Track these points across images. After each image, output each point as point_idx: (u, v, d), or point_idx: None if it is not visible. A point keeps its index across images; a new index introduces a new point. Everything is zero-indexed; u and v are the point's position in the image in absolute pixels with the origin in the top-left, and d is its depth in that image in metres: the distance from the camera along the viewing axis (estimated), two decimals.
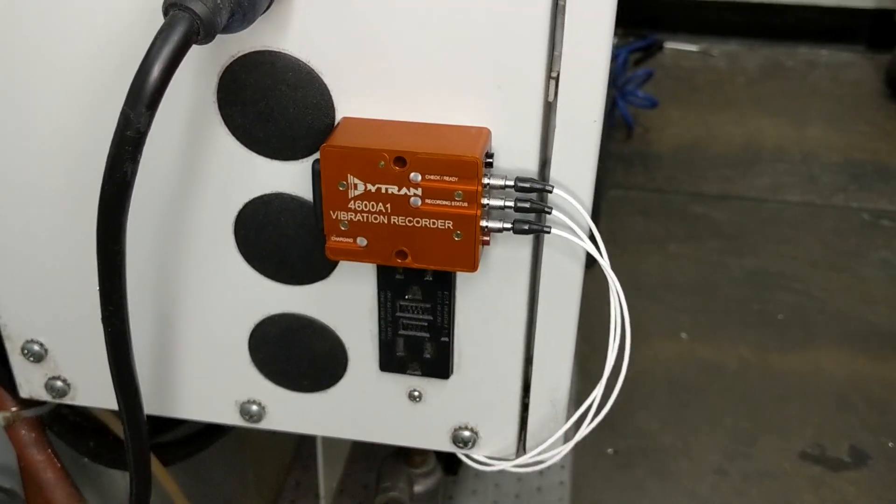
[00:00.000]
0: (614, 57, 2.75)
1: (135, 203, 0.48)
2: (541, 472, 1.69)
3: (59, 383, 0.73)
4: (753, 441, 1.80)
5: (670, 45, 3.45)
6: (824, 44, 3.55)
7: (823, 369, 1.98)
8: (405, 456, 1.15)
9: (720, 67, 3.43)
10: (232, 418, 0.71)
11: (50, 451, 0.83)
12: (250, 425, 0.71)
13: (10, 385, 0.78)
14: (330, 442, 1.02)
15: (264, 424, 0.71)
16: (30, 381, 0.73)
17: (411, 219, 0.55)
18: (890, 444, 1.80)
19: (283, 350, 0.67)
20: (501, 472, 1.67)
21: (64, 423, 0.85)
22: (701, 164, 2.79)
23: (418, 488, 1.14)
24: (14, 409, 0.80)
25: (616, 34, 3.05)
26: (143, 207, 0.61)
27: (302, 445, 1.71)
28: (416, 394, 0.67)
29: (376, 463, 1.58)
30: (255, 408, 0.70)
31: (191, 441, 1.03)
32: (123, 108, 0.45)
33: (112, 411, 0.89)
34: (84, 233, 0.64)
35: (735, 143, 2.91)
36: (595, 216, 0.57)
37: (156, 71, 0.45)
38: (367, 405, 0.69)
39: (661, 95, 2.97)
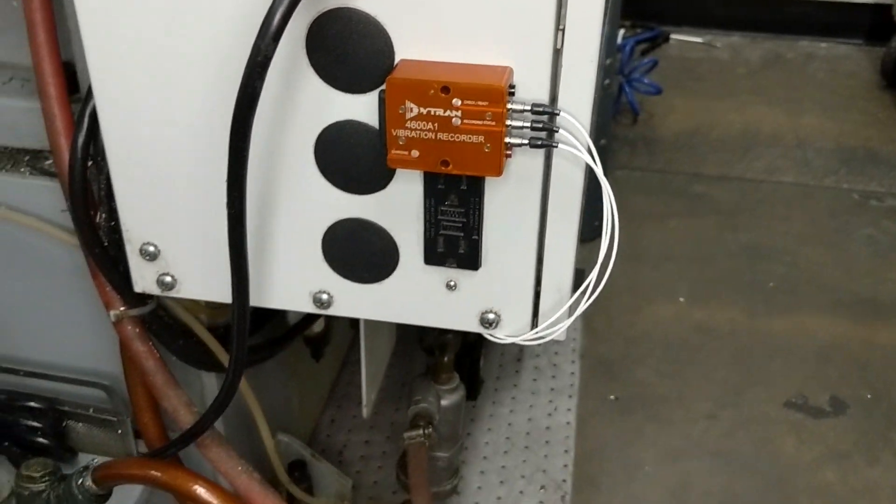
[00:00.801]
0: (621, 47, 2.94)
1: None
2: (549, 414, 1.88)
3: (167, 278, 0.92)
4: (741, 392, 1.98)
5: (676, 36, 3.63)
6: (824, 37, 3.72)
7: (808, 331, 2.16)
8: (433, 375, 1.34)
9: (723, 59, 3.61)
10: (307, 306, 0.90)
11: (150, 343, 1.02)
12: (321, 311, 0.90)
13: (120, 287, 0.98)
14: (371, 358, 1.21)
15: (332, 311, 0.90)
16: (144, 278, 0.92)
17: (452, 135, 0.74)
18: (868, 396, 1.98)
19: (349, 248, 0.86)
20: (513, 411, 1.86)
21: (159, 324, 1.04)
22: (701, 147, 2.98)
23: (444, 402, 1.33)
24: (122, 308, 1.00)
25: (624, 26, 3.22)
26: None
27: (338, 380, 1.91)
28: (452, 283, 0.86)
29: (408, 381, 1.77)
30: (325, 297, 0.89)
31: (257, 350, 1.22)
32: (255, 41, 0.65)
33: (198, 318, 1.09)
34: (202, 153, 0.83)
35: (734, 129, 3.10)
36: (597, 194, 0.76)
37: (279, 13, 0.64)
38: (413, 293, 0.87)
39: (666, 84, 3.15)
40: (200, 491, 0.94)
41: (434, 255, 0.84)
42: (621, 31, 3.06)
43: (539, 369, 2.00)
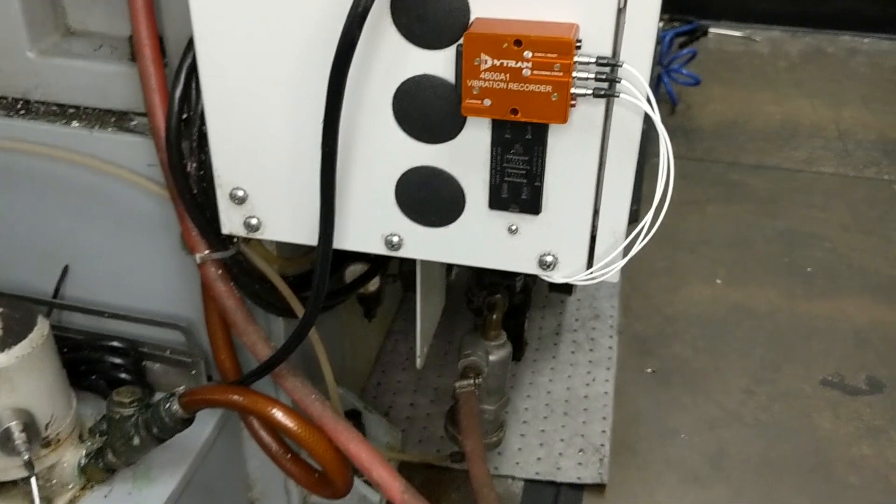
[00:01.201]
0: (660, 39, 3.00)
1: None
2: (587, 384, 1.95)
3: (253, 220, 1.00)
4: (778, 369, 2.04)
5: (715, 30, 3.68)
6: (867, 32, 3.74)
7: (846, 314, 2.21)
8: (482, 332, 1.42)
9: (762, 52, 3.65)
10: (379, 248, 0.98)
11: (231, 284, 1.11)
12: (392, 253, 0.98)
13: (206, 232, 1.07)
14: (424, 315, 1.28)
15: (401, 252, 0.98)
16: (231, 220, 1.01)
17: (522, 84, 0.81)
18: None
19: (419, 194, 0.94)
20: (552, 381, 1.93)
21: (238, 269, 1.12)
22: (740, 137, 3.03)
23: (492, 357, 1.41)
24: (207, 251, 1.09)
25: (662, 19, 3.28)
26: None
27: (383, 348, 2.00)
28: (514, 227, 0.94)
29: (450, 350, 1.85)
30: (395, 239, 0.97)
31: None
32: None
33: (274, 269, 1.17)
34: (294, 103, 0.91)
35: (773, 121, 3.14)
36: (638, 179, 0.83)
37: None
38: (477, 237, 0.95)
39: (705, 76, 3.20)
40: (278, 414, 1.03)
41: (498, 200, 0.92)
42: (660, 24, 3.12)
43: (577, 343, 2.07)
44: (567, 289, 1.54)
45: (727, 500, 1.72)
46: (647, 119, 0.85)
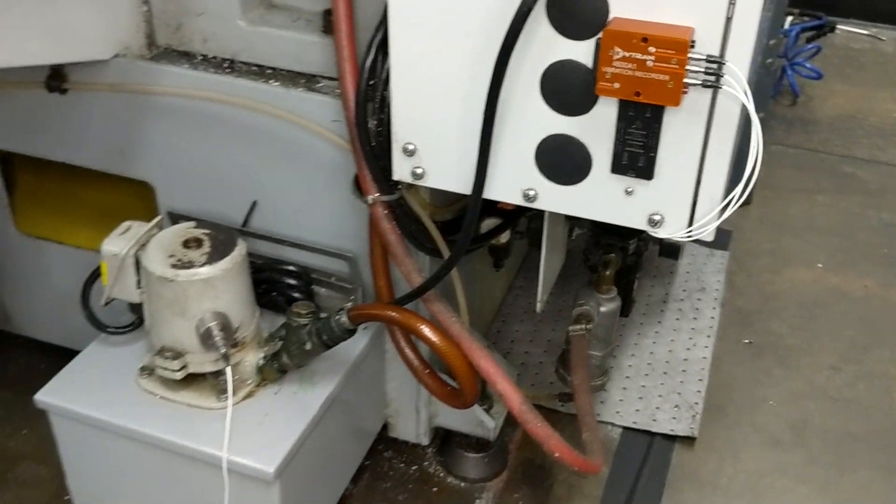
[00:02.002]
0: (787, 32, 3.11)
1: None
2: (688, 349, 2.14)
3: (419, 170, 1.25)
4: (866, 351, 2.18)
5: (842, 27, 3.73)
6: None
7: None
8: (595, 286, 1.64)
9: (887, 51, 3.70)
10: (518, 199, 1.21)
11: (394, 223, 1.36)
12: (528, 204, 1.21)
13: (378, 178, 1.31)
14: (548, 266, 1.50)
15: (536, 204, 1.21)
16: (401, 168, 1.26)
17: (646, 73, 1.03)
18: None
19: (555, 156, 1.16)
20: (655, 343, 2.12)
21: (400, 212, 1.37)
22: (856, 132, 3.12)
23: (603, 309, 1.63)
24: (377, 194, 1.33)
25: (792, 13, 3.36)
26: None
27: (504, 301, 2.22)
28: (630, 190, 1.15)
29: (564, 309, 2.06)
30: (532, 192, 1.20)
31: None
32: None
33: (427, 214, 1.42)
34: (465, 75, 1.15)
35: (892, 118, 3.22)
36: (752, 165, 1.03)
37: None
38: (599, 195, 1.17)
39: (828, 71, 3.30)
40: (426, 330, 1.27)
41: (619, 166, 1.14)
42: (789, 18, 3.23)
43: (682, 311, 2.26)
44: (674, 254, 1.73)
45: (803, 465, 1.88)
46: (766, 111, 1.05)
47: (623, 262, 1.68)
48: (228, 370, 1.34)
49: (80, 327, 1.65)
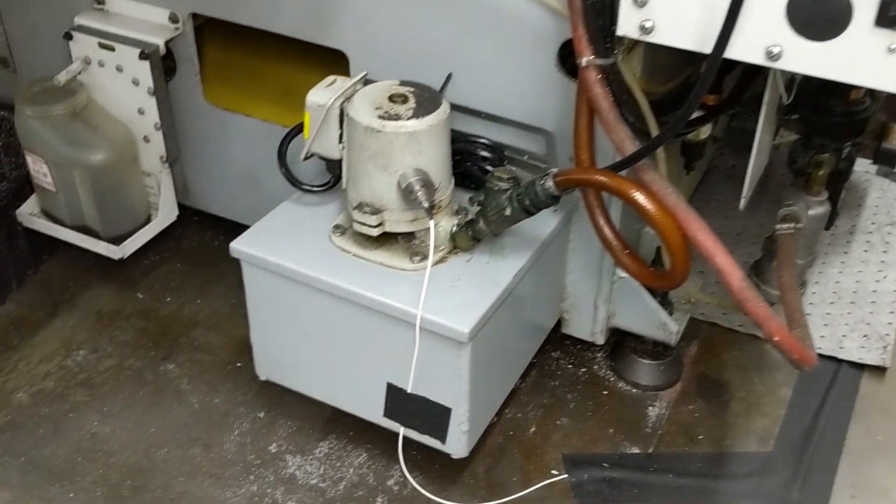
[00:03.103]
0: None
1: None
2: (877, 280, 2.00)
3: (647, 24, 1.17)
4: None
5: None
6: None
7: None
8: (805, 187, 1.53)
9: None
10: (759, 58, 1.12)
11: (607, 88, 1.29)
12: (769, 64, 1.12)
13: (594, 39, 1.24)
14: (757, 163, 1.41)
15: (779, 64, 1.11)
16: (628, 22, 1.19)
17: None
18: None
19: (811, 6, 1.06)
20: (842, 273, 1.98)
21: (613, 77, 1.30)
22: None
23: (811, 212, 1.52)
24: (592, 56, 1.27)
25: None
26: None
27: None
28: (894, 48, 1.05)
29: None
30: (776, 50, 1.11)
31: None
32: None
33: (639, 87, 1.34)
34: None
35: None
36: None
37: None
38: (855, 54, 1.07)
39: None
40: (640, 196, 1.20)
41: (885, 18, 1.03)
42: None
43: (871, 244, 2.12)
44: (891, 160, 1.61)
45: None
46: None
47: (836, 165, 1.57)
48: (431, 224, 1.30)
49: (258, 204, 1.65)
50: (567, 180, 1.26)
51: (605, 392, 1.75)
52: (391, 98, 1.35)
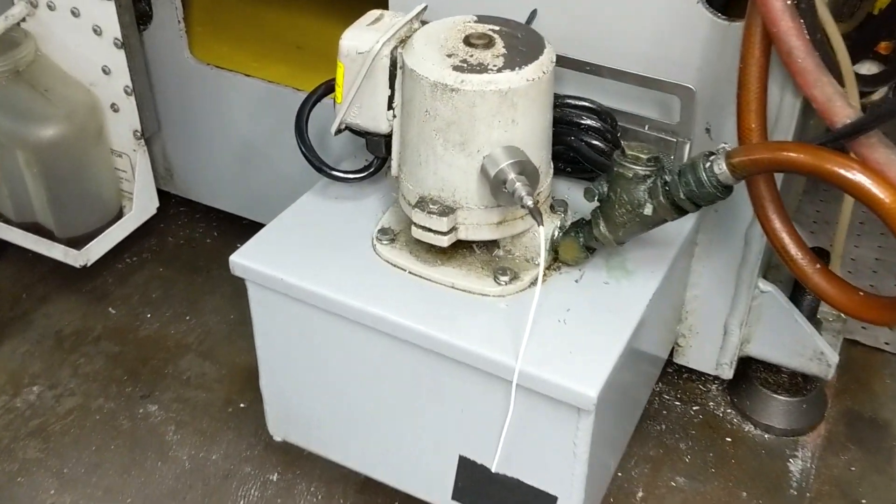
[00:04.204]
0: None
1: None
2: None
3: None
4: None
5: None
6: None
7: None
8: None
9: None
10: None
11: (801, 22, 0.84)
12: None
13: None
14: None
15: None
16: None
17: None
18: None
19: None
20: None
21: (807, 5, 0.85)
22: None
23: None
24: None
25: None
26: None
27: None
28: None
29: None
30: None
31: None
32: None
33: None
34: None
35: None
36: None
37: None
38: None
39: None
40: (871, 186, 0.76)
41: None
42: None
43: None
44: None
45: None
46: None
47: None
48: (541, 232, 0.86)
49: (264, 192, 1.33)
50: (753, 162, 0.82)
51: (729, 439, 1.32)
52: (468, 41, 0.90)
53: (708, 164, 0.84)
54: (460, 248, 0.97)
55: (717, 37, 1.00)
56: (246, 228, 1.20)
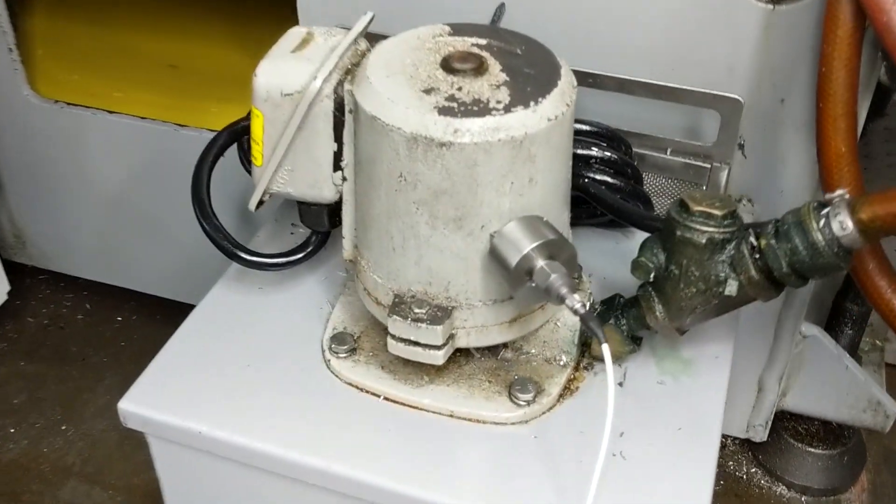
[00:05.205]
0: None
1: None
2: None
3: None
4: None
5: None
6: None
7: None
8: None
9: None
10: None
11: None
12: None
13: None
14: None
15: None
16: None
17: None
18: None
19: None
20: None
21: None
22: None
23: None
24: None
25: None
26: None
27: None
28: None
29: None
30: None
31: None
32: None
33: None
34: None
35: None
36: None
37: None
38: None
39: None
40: None
41: None
42: None
43: None
44: None
45: None
46: None
47: None
48: (605, 350, 0.57)
49: (138, 252, 1.09)
50: (889, 215, 0.56)
51: None
52: (449, 65, 0.61)
53: (822, 223, 0.58)
54: (454, 355, 0.68)
55: (758, 27, 0.74)
56: (126, 296, 0.89)
